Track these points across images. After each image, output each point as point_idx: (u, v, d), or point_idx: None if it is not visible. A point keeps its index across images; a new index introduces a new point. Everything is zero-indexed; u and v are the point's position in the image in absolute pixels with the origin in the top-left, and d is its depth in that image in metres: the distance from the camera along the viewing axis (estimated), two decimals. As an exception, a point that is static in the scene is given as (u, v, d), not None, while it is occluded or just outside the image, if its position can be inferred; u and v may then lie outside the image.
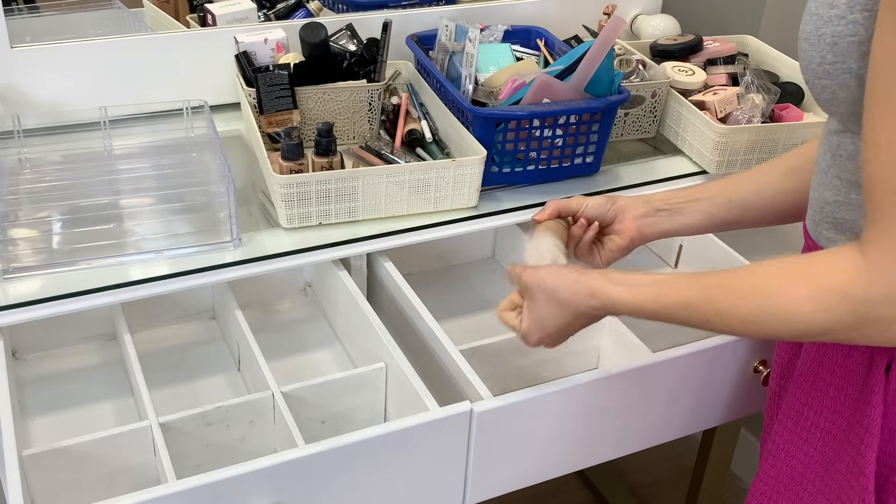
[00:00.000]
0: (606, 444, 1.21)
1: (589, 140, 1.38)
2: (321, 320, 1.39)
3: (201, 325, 1.38)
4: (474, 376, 1.10)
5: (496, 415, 1.07)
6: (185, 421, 1.08)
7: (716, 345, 1.18)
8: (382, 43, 1.42)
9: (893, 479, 0.85)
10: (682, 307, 0.85)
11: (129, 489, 0.95)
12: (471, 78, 1.40)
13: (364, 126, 1.46)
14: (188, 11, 1.64)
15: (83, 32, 1.58)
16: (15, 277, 1.15)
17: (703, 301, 0.83)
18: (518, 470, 1.16)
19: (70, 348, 1.31)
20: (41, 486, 1.04)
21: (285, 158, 1.24)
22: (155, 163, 1.35)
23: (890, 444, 0.85)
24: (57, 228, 1.22)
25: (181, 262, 1.19)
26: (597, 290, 0.92)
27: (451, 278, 1.51)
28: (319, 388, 1.15)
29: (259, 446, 1.14)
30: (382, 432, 1.01)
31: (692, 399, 1.22)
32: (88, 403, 1.22)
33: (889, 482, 0.86)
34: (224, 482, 0.95)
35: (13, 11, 1.62)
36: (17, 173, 1.31)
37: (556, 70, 1.36)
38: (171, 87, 1.47)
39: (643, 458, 1.55)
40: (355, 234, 1.26)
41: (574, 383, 1.10)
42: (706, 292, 0.83)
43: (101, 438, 1.05)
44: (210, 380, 1.28)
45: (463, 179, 1.29)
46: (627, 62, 1.56)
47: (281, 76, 1.36)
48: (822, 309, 0.75)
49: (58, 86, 1.43)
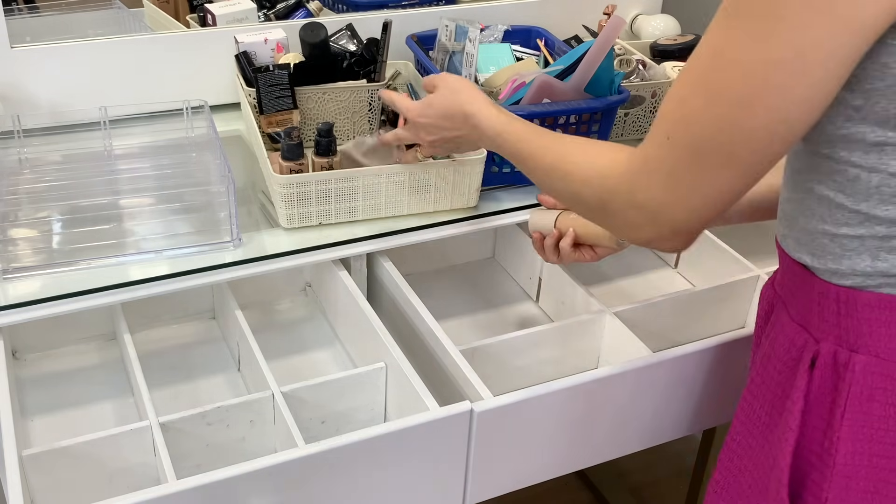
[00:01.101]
0: (606, 444, 1.21)
1: (589, 140, 1.38)
2: (321, 320, 1.39)
3: (201, 325, 1.38)
4: (474, 376, 1.10)
5: (496, 415, 1.07)
6: (185, 421, 1.08)
7: (716, 345, 1.18)
8: (382, 43, 1.42)
9: (814, 476, 0.85)
10: (512, 137, 1.02)
11: (129, 489, 0.95)
12: (471, 78, 1.40)
13: (364, 126, 1.46)
14: (188, 11, 1.65)
15: (83, 32, 1.58)
16: (15, 277, 1.15)
17: (527, 140, 1.00)
18: (518, 470, 1.16)
19: (70, 348, 1.31)
20: (41, 486, 1.04)
21: (285, 158, 1.24)
22: (155, 163, 1.35)
23: (811, 442, 0.85)
24: (57, 228, 1.22)
25: (181, 262, 1.19)
26: (477, 102, 1.08)
27: (451, 278, 1.51)
28: (319, 388, 1.15)
29: (259, 446, 1.14)
30: (382, 432, 1.01)
31: (692, 399, 1.22)
32: (88, 403, 1.22)
33: (809, 479, 0.86)
34: (224, 482, 0.95)
35: (13, 11, 1.62)
36: (17, 173, 1.31)
37: (556, 70, 1.36)
38: (171, 87, 1.47)
39: (643, 458, 1.55)
40: (355, 234, 1.26)
41: (574, 383, 1.10)
42: (538, 139, 0.99)
43: (101, 438, 1.05)
44: (210, 380, 1.28)
45: (463, 179, 1.29)
46: (627, 62, 1.56)
47: (281, 76, 1.36)
48: (584, 179, 0.88)
49: (58, 86, 1.43)
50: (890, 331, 0.80)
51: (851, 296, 0.81)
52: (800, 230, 0.85)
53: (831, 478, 0.83)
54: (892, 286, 0.80)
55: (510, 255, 1.51)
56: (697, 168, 0.78)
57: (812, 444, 0.86)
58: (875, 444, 0.82)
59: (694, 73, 0.77)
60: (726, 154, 0.76)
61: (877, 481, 0.82)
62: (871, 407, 0.81)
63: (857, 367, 0.81)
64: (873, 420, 0.81)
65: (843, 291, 0.82)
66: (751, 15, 0.72)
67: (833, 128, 0.77)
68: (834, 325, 0.83)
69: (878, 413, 0.81)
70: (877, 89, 0.73)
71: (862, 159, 0.77)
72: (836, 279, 0.82)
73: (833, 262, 0.82)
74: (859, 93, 0.74)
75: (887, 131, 0.75)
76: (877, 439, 0.82)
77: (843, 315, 0.82)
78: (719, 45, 0.74)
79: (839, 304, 0.82)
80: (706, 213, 0.80)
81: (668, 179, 0.80)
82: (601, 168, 0.87)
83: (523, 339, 1.24)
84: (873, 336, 0.81)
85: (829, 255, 0.83)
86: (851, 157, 0.78)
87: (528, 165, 1.00)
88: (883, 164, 0.76)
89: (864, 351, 0.81)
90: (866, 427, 0.82)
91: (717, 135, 0.75)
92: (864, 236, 0.79)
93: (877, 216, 0.78)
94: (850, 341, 0.82)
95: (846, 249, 0.81)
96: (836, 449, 0.83)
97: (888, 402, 0.81)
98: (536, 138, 0.99)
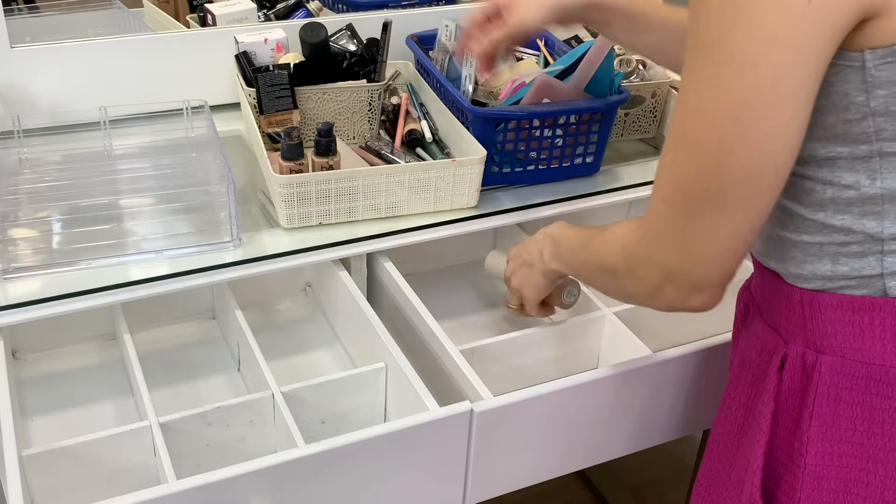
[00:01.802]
0: (606, 443, 1.21)
1: (589, 140, 1.38)
2: (321, 320, 1.39)
3: (201, 325, 1.38)
4: (474, 376, 1.10)
5: (496, 415, 1.07)
6: (185, 421, 1.08)
7: (716, 345, 1.18)
8: (382, 43, 1.42)
9: (787, 477, 0.86)
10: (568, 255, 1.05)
11: (129, 489, 0.95)
12: (471, 78, 1.40)
13: (364, 126, 1.46)
14: (188, 11, 1.65)
15: (83, 32, 1.58)
16: (15, 277, 1.15)
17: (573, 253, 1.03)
18: (518, 470, 1.16)
19: (70, 348, 1.31)
20: (41, 486, 1.04)
21: (285, 158, 1.24)
22: (155, 163, 1.35)
23: (783, 443, 0.87)
24: (57, 228, 1.22)
25: (181, 262, 1.19)
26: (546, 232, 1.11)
27: (451, 278, 1.51)
28: (319, 388, 1.15)
29: (259, 446, 1.14)
30: (382, 432, 1.01)
31: (692, 399, 1.22)
32: (88, 403, 1.22)
33: (783, 480, 0.87)
34: (224, 482, 0.95)
35: (13, 11, 1.62)
36: (17, 173, 1.31)
37: (556, 70, 1.35)
38: (171, 87, 1.47)
39: (643, 458, 1.55)
40: (355, 234, 1.26)
41: (574, 383, 1.10)
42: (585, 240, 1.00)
43: (101, 438, 1.05)
44: (210, 380, 1.28)
45: (463, 179, 1.29)
46: (627, 62, 1.56)
47: (281, 76, 1.36)
48: (612, 254, 0.90)
49: (58, 86, 1.43)
50: (853, 331, 0.81)
51: (815, 298, 0.83)
52: (766, 237, 0.88)
53: (803, 478, 0.85)
54: (853, 287, 0.81)
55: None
56: (698, 220, 0.78)
57: (783, 444, 0.87)
58: (844, 443, 0.83)
59: (673, 129, 0.78)
60: (719, 199, 0.76)
61: (847, 481, 0.83)
62: (838, 407, 0.83)
63: (824, 367, 0.83)
64: (841, 420, 0.83)
65: (807, 294, 0.84)
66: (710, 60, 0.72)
67: None
68: (801, 327, 0.85)
69: (845, 413, 0.82)
70: (824, 107, 0.76)
71: (816, 173, 0.79)
72: (801, 283, 0.84)
73: (796, 267, 0.84)
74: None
75: (836, 146, 0.77)
76: (845, 439, 0.83)
77: (809, 317, 0.84)
78: (686, 95, 0.75)
79: (804, 307, 0.84)
80: (722, 261, 0.80)
81: (675, 237, 0.80)
82: (623, 237, 0.88)
83: (523, 339, 1.24)
84: (838, 337, 0.82)
85: (791, 260, 0.85)
86: (806, 171, 0.80)
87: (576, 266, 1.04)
88: (836, 177, 0.78)
89: (830, 352, 0.83)
90: (834, 427, 0.83)
91: (705, 183, 0.76)
92: (824, 243, 0.81)
93: (833, 225, 0.80)
94: (817, 343, 0.83)
95: (807, 255, 0.83)
96: (806, 449, 0.84)
97: (854, 402, 0.82)
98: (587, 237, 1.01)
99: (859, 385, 0.81)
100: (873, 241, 0.79)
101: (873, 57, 0.72)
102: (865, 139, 0.76)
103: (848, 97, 0.74)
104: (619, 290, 0.93)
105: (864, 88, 0.74)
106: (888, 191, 0.77)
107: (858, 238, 0.80)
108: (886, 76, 0.72)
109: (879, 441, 0.81)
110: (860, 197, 0.78)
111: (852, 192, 0.78)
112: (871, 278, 0.80)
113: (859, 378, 0.81)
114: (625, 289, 0.91)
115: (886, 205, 0.78)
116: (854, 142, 0.76)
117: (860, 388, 0.81)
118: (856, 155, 0.77)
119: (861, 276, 0.80)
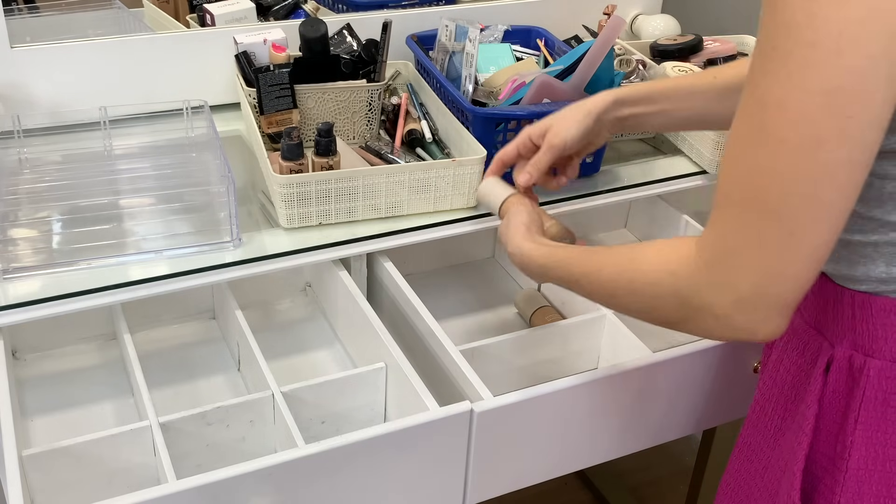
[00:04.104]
0: (606, 444, 1.21)
1: (589, 140, 1.38)
2: (321, 320, 1.39)
3: (201, 325, 1.38)
4: (474, 376, 1.10)
5: (496, 415, 1.07)
6: (185, 421, 1.08)
7: (716, 345, 1.18)
8: (382, 43, 1.42)
9: (826, 480, 0.85)
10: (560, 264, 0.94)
11: (129, 489, 0.95)
12: (471, 78, 1.40)
13: (364, 126, 1.46)
14: (188, 11, 1.64)
15: (83, 32, 1.58)
16: (15, 277, 1.15)
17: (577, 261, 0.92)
18: (518, 470, 1.16)
19: (70, 348, 1.31)
20: (41, 486, 1.04)
21: (285, 158, 1.24)
22: (155, 163, 1.35)
23: (824, 445, 0.85)
24: (57, 228, 1.22)
25: (181, 262, 1.19)
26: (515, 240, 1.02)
27: (451, 278, 1.51)
28: (319, 388, 1.15)
29: (259, 446, 1.14)
30: (382, 432, 1.01)
31: (692, 399, 1.22)
32: (88, 403, 1.22)
33: (822, 483, 0.85)
34: (224, 482, 0.95)
35: (13, 11, 1.62)
36: (17, 173, 1.31)
37: (556, 70, 1.36)
38: (171, 87, 1.47)
39: (643, 458, 1.55)
40: (355, 234, 1.26)
41: (574, 383, 1.10)
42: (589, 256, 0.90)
43: (101, 438, 1.05)
44: (210, 380, 1.28)
45: (463, 179, 1.29)
46: (627, 62, 1.56)
47: (281, 76, 1.36)
48: (653, 283, 0.79)
49: (58, 86, 1.43)
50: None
51: (866, 301, 0.80)
52: None
53: (844, 482, 0.83)
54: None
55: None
56: (787, 229, 0.69)
57: (825, 447, 0.85)
58: (889, 448, 0.82)
59: (745, 130, 0.69)
60: (814, 203, 0.67)
61: (890, 486, 0.82)
62: (885, 412, 0.81)
63: (872, 371, 0.81)
64: (888, 425, 0.81)
65: (858, 296, 0.81)
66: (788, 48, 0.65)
67: None
68: (849, 329, 0.83)
69: (893, 418, 0.81)
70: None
71: (875, 166, 0.72)
72: (851, 284, 0.82)
73: (847, 269, 0.81)
74: None
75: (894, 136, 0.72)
76: (891, 444, 0.82)
77: (859, 319, 0.82)
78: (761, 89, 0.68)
79: (854, 309, 0.82)
80: (808, 276, 0.71)
81: (756, 253, 0.71)
82: (669, 265, 0.78)
83: (523, 339, 1.24)
84: (889, 341, 0.80)
85: (843, 261, 0.81)
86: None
87: (585, 286, 0.90)
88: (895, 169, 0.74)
89: (880, 356, 0.81)
90: (880, 432, 0.81)
91: (798, 185, 0.67)
92: (879, 242, 0.78)
93: (891, 222, 0.77)
94: (866, 346, 0.81)
95: (860, 256, 0.80)
96: (849, 454, 0.83)
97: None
98: (587, 256, 0.91)
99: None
100: None
101: None
102: None
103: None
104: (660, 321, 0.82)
105: None
106: None
107: None
108: None
109: None
110: None
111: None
112: None
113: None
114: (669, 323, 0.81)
115: None
116: None
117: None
118: None
119: None
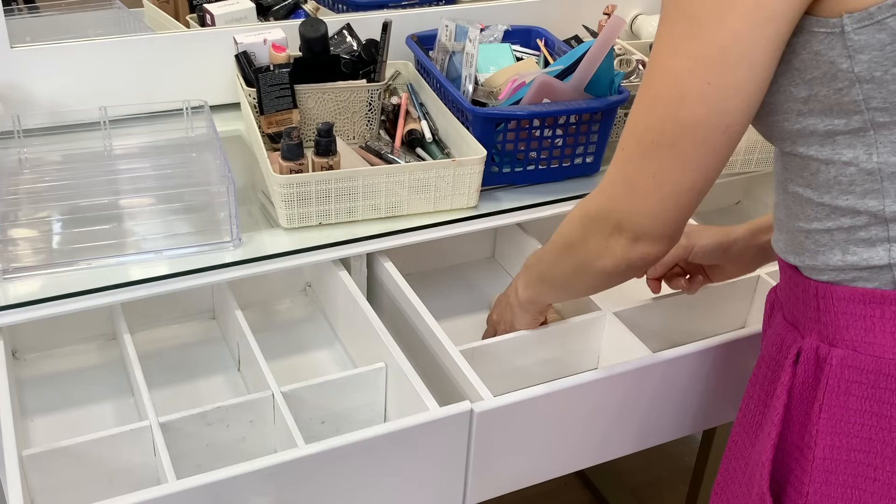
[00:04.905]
0: (606, 444, 1.21)
1: (589, 140, 1.38)
2: (321, 320, 1.39)
3: (201, 325, 1.38)
4: (474, 376, 1.10)
5: (496, 415, 1.07)
6: (185, 421, 1.08)
7: (716, 345, 1.18)
8: (382, 43, 1.42)
9: (796, 471, 0.86)
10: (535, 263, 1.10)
11: (129, 489, 0.95)
12: (471, 78, 1.40)
13: (364, 126, 1.46)
14: (188, 11, 1.64)
15: (83, 32, 1.58)
16: (15, 277, 1.15)
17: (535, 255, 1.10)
18: (518, 470, 1.16)
19: (70, 348, 1.31)
20: (41, 486, 1.04)
21: (285, 158, 1.24)
22: (155, 163, 1.35)
23: (795, 436, 0.87)
24: (57, 228, 1.22)
25: (181, 262, 1.19)
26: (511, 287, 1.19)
27: (451, 278, 1.51)
28: (319, 388, 1.15)
29: (259, 446, 1.14)
30: (382, 432, 1.01)
31: (692, 399, 1.22)
32: (88, 403, 1.22)
33: (792, 474, 0.87)
34: (224, 482, 0.95)
35: (13, 11, 1.62)
36: (17, 173, 1.31)
37: (556, 70, 1.35)
38: (171, 87, 1.47)
39: (643, 458, 1.56)
40: (355, 234, 1.26)
41: (574, 383, 1.10)
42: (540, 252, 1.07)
43: (101, 438, 1.05)
44: (210, 380, 1.28)
45: (463, 179, 1.29)
46: (627, 62, 1.56)
47: (281, 76, 1.36)
48: (570, 225, 0.96)
49: (58, 86, 1.43)
50: (865, 324, 0.81)
51: (828, 290, 0.84)
52: (785, 231, 0.88)
53: (811, 471, 0.85)
54: (864, 280, 0.82)
55: (510, 255, 1.51)
56: (647, 167, 0.82)
57: (794, 438, 0.87)
58: (852, 437, 0.83)
59: (641, 85, 0.83)
60: (670, 149, 0.80)
61: (855, 475, 0.84)
62: (847, 401, 0.83)
63: (835, 360, 0.83)
64: (850, 414, 0.83)
65: (820, 287, 0.84)
66: (675, 18, 0.78)
67: (789, 124, 0.81)
68: (815, 320, 0.85)
69: (854, 407, 0.83)
70: (815, 78, 0.77)
71: (818, 152, 0.80)
72: (815, 275, 0.85)
73: (810, 259, 0.85)
74: (802, 85, 0.78)
75: (833, 119, 0.78)
76: (854, 433, 0.83)
77: (822, 310, 0.84)
78: (656, 52, 0.80)
79: (818, 300, 0.85)
80: (665, 212, 0.84)
81: (625, 184, 0.85)
82: (580, 206, 0.94)
83: (523, 339, 1.24)
84: (850, 330, 0.82)
85: (806, 251, 0.85)
86: (809, 150, 0.81)
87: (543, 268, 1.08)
88: (836, 154, 0.79)
89: (842, 345, 0.83)
90: (843, 421, 0.83)
91: (660, 134, 0.80)
92: (832, 229, 0.82)
93: (839, 207, 0.81)
94: (830, 336, 0.84)
95: (819, 245, 0.84)
96: (815, 443, 0.84)
97: (864, 396, 0.82)
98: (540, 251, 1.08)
99: (868, 379, 0.81)
100: (879, 225, 0.79)
101: (851, 21, 0.73)
102: (856, 108, 0.76)
103: (834, 65, 0.75)
104: (579, 268, 0.96)
105: (846, 55, 0.74)
106: (885, 165, 0.77)
107: (864, 220, 0.80)
108: (866, 40, 0.73)
109: (887, 436, 0.81)
110: (860, 173, 0.78)
111: (852, 169, 0.79)
112: (880, 270, 0.81)
113: (869, 372, 0.81)
114: (583, 258, 0.94)
115: (885, 182, 0.78)
116: (847, 112, 0.77)
117: (869, 383, 0.81)
118: (851, 127, 0.77)
119: (870, 267, 0.81)
